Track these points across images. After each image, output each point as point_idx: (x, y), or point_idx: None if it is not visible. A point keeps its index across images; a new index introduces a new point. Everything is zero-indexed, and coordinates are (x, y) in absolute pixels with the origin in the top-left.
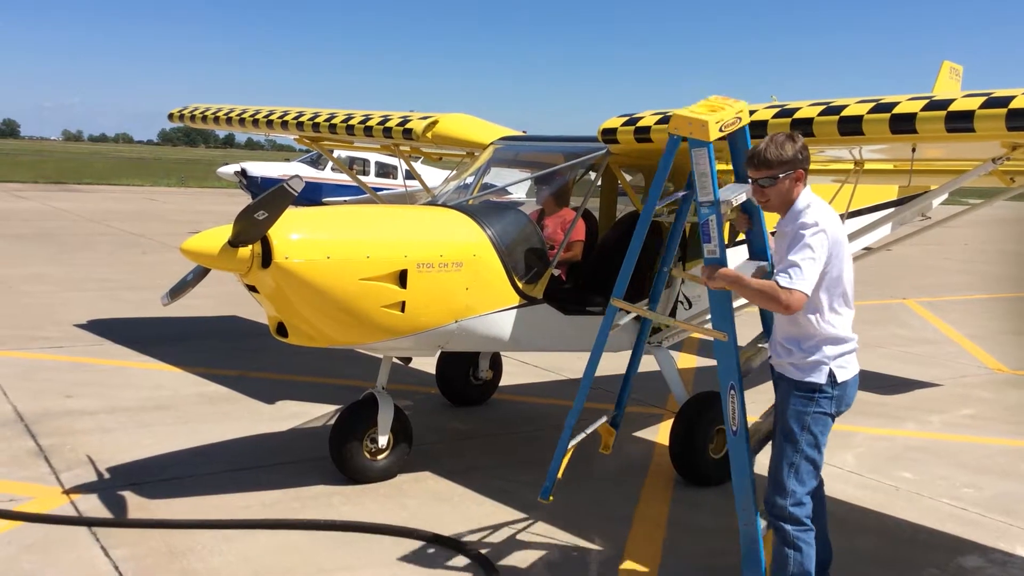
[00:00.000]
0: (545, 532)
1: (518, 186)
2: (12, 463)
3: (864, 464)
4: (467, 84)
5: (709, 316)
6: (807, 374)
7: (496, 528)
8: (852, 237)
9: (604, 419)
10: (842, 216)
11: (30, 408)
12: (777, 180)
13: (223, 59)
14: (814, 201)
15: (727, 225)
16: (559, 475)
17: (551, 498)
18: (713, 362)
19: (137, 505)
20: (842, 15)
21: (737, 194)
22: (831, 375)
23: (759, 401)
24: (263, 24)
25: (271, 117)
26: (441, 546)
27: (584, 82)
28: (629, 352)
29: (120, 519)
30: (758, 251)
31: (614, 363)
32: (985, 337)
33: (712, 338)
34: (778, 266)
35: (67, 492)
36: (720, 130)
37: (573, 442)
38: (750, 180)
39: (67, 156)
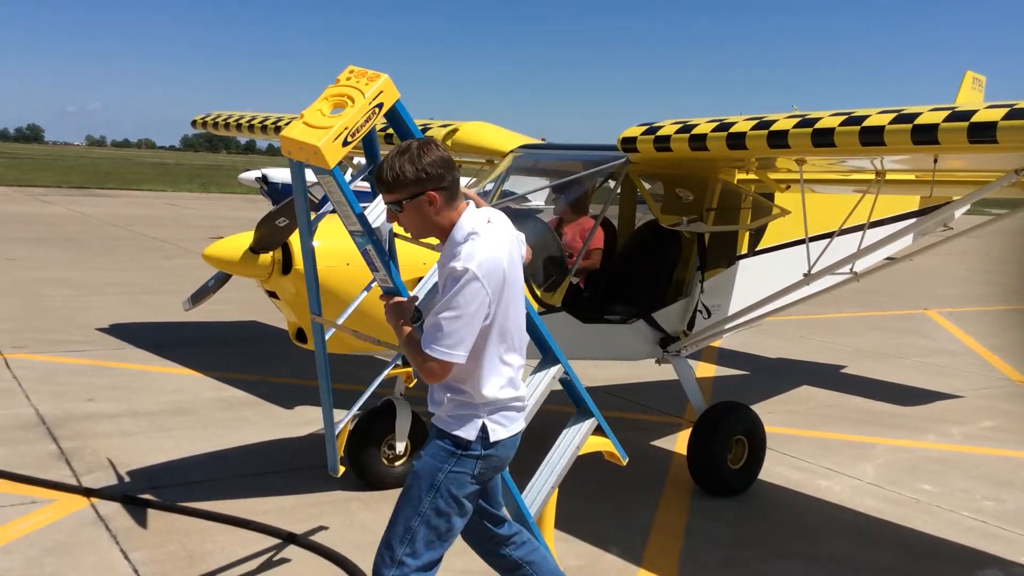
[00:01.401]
0: (562, 540)
1: (537, 194)
2: (34, 466)
3: (883, 476)
4: (487, 92)
5: (728, 326)
6: (454, 426)
7: None
8: (873, 248)
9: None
10: (863, 226)
11: (52, 411)
12: (402, 206)
13: (245, 67)
14: (477, 230)
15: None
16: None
17: (341, 470)
18: (732, 371)
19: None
20: (865, 25)
21: (377, 215)
22: (483, 431)
23: (777, 412)
24: (285, 32)
25: None
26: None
27: (604, 90)
28: (651, 360)
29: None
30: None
31: (632, 371)
32: (1007, 348)
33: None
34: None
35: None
36: (345, 143)
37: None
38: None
39: (90, 161)
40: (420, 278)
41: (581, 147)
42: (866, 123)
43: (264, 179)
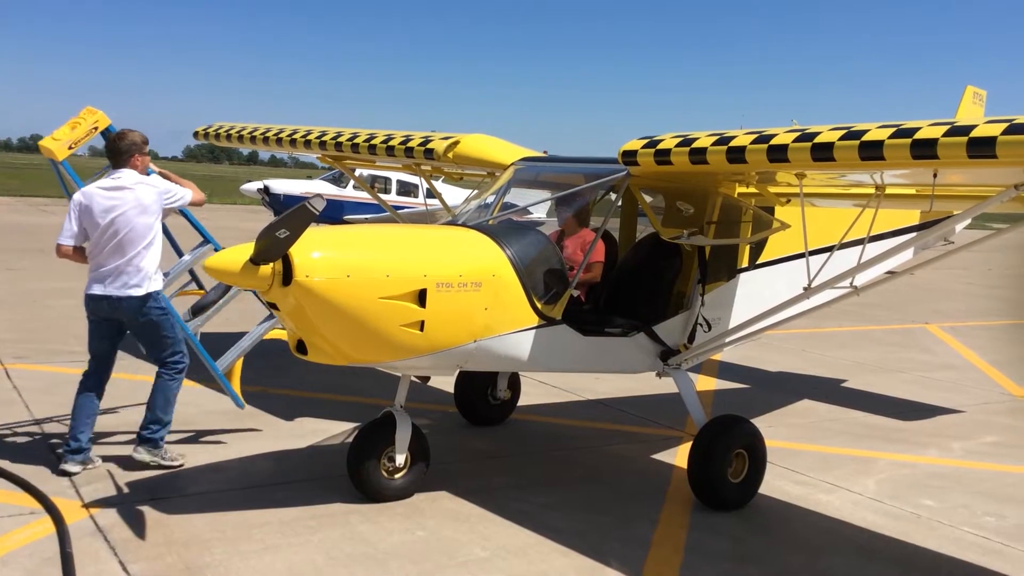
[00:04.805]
0: (562, 554)
1: (538, 207)
2: (33, 476)
3: (885, 491)
4: (488, 105)
5: (729, 339)
6: None
7: (513, 549)
8: (873, 262)
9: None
10: (863, 240)
11: (52, 422)
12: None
13: (248, 78)
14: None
15: (741, 246)
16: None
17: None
18: (733, 384)
19: (155, 520)
20: (864, 39)
21: None
22: None
23: (777, 425)
24: (288, 44)
25: (295, 136)
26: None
27: (606, 104)
28: (651, 374)
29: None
30: None
31: (633, 384)
32: (1009, 363)
33: None
34: None
35: (87, 506)
36: (70, 148)
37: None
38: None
39: (93, 172)
40: None
41: (582, 160)
42: (865, 138)
43: (266, 190)
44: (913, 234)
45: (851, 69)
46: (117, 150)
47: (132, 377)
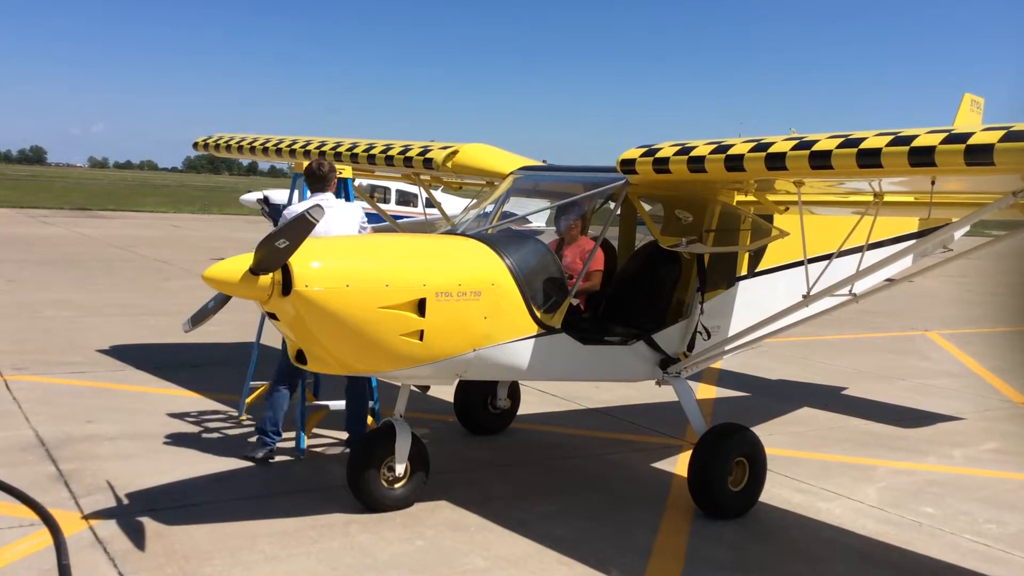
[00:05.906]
0: (562, 563)
1: (537, 216)
2: (33, 488)
3: (886, 499)
4: (487, 114)
5: (728, 347)
6: None
7: (513, 559)
8: (872, 269)
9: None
10: (862, 248)
11: (51, 433)
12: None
13: (247, 89)
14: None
15: (741, 254)
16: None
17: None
18: (733, 393)
19: (155, 531)
20: (862, 47)
21: None
22: None
23: (777, 433)
24: (287, 55)
25: (294, 146)
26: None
27: (604, 113)
28: (651, 382)
29: None
30: None
31: (632, 392)
32: (1009, 370)
33: None
34: None
35: (86, 517)
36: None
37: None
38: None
39: (93, 182)
40: None
41: (581, 169)
42: (863, 145)
43: (266, 200)
44: (912, 241)
45: (849, 77)
46: (322, 176)
47: (127, 387)
